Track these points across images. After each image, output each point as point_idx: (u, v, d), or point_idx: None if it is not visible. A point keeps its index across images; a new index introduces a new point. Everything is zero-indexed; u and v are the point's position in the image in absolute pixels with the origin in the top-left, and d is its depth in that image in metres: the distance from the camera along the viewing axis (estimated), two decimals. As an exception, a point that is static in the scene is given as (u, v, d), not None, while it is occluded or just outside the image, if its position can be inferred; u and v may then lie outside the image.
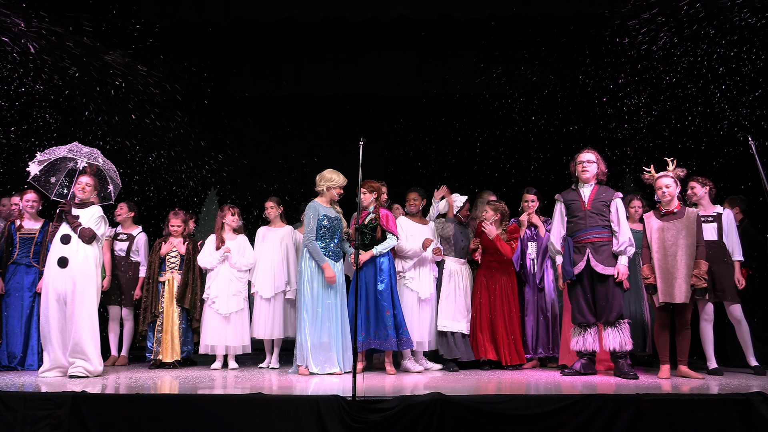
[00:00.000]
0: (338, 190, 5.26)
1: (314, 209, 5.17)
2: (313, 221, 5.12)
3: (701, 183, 5.31)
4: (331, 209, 5.26)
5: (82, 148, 5.05)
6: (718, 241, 5.23)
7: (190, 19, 6.45)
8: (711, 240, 5.18)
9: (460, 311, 5.50)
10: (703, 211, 5.28)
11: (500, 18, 6.39)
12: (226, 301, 5.61)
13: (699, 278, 4.68)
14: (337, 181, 5.25)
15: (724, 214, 5.28)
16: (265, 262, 5.72)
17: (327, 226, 5.16)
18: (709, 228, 5.20)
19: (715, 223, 5.25)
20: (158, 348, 5.66)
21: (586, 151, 5.12)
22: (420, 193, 5.69)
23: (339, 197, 5.31)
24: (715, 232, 5.24)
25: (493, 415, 3.56)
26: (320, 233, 5.15)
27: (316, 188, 5.30)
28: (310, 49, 7.20)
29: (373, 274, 5.18)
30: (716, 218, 5.26)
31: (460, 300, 5.53)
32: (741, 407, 3.57)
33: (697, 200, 5.31)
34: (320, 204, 5.23)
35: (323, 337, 4.99)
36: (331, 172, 5.29)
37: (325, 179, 5.25)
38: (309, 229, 5.12)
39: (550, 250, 5.24)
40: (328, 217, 5.18)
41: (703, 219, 5.23)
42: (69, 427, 3.58)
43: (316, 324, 5.01)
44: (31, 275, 5.63)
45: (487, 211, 5.55)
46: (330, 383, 4.52)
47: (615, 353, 4.86)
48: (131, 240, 6.18)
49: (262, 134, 7.97)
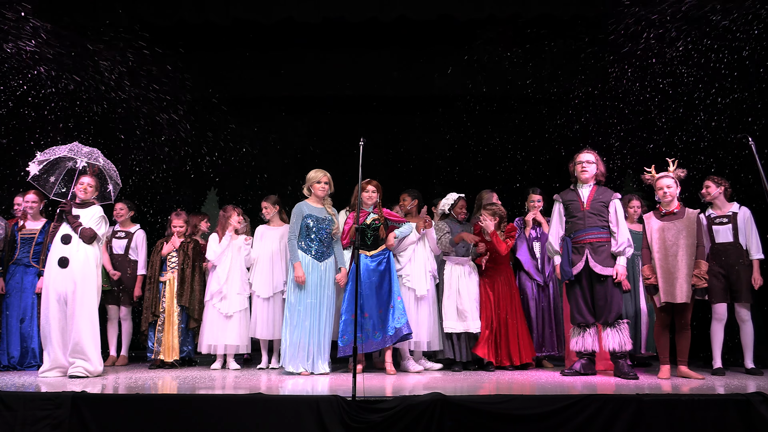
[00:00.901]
0: (317, 186, 5.18)
1: (299, 211, 5.17)
2: (298, 221, 5.13)
3: (716, 183, 5.27)
4: (322, 210, 5.22)
5: (82, 147, 5.05)
6: (734, 243, 5.19)
7: (190, 19, 6.46)
8: (726, 242, 5.18)
9: (467, 311, 5.39)
10: (718, 212, 5.26)
11: (500, 18, 6.40)
12: (230, 300, 5.61)
13: (700, 278, 4.68)
14: (313, 177, 5.21)
15: (740, 212, 5.22)
16: (264, 261, 5.70)
17: (311, 226, 5.13)
18: (723, 230, 5.19)
19: (729, 224, 5.20)
20: (159, 348, 5.67)
21: (586, 151, 5.12)
22: (410, 194, 5.72)
23: (324, 192, 5.21)
24: (730, 234, 5.20)
25: (493, 415, 3.56)
26: (304, 233, 5.14)
27: (304, 190, 5.29)
28: (310, 49, 7.20)
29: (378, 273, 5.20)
30: (731, 219, 5.21)
31: (467, 300, 5.41)
32: (741, 407, 3.56)
33: (711, 200, 5.28)
34: (307, 204, 5.21)
35: (302, 337, 4.97)
36: (314, 171, 5.27)
37: (308, 179, 5.25)
38: (292, 230, 5.14)
39: (549, 251, 5.23)
40: (313, 216, 5.15)
41: (717, 221, 5.22)
42: (69, 427, 3.58)
43: (297, 323, 4.99)
44: (30, 275, 5.63)
45: (485, 216, 5.50)
46: (330, 383, 4.52)
47: (614, 353, 4.86)
48: (129, 237, 6.17)
49: (262, 134, 7.97)
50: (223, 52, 7.21)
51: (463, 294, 5.44)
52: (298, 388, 4.34)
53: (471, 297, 5.46)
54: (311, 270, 5.09)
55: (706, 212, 5.31)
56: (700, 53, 5.81)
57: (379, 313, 5.13)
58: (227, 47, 7.14)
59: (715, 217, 5.24)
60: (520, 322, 5.53)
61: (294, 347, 4.98)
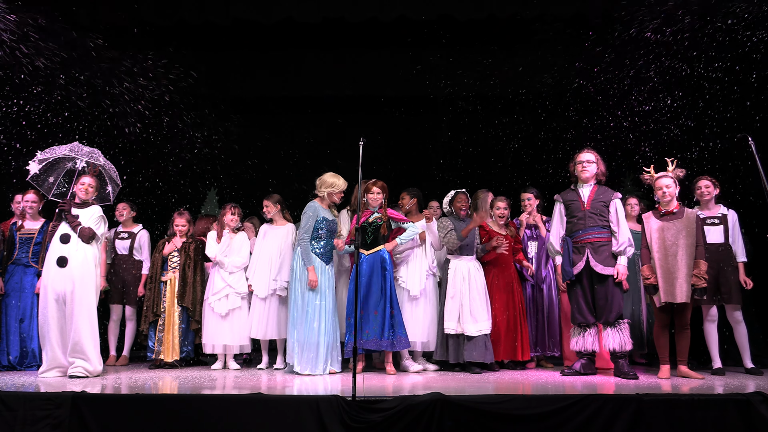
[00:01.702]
0: (340, 194, 5.31)
1: (314, 210, 5.19)
2: (312, 222, 5.14)
3: (714, 183, 5.26)
4: (329, 212, 5.30)
5: (83, 147, 5.04)
6: (725, 244, 5.20)
7: (190, 19, 6.46)
8: (718, 243, 5.18)
9: (474, 312, 5.23)
10: (708, 212, 5.26)
11: (500, 18, 6.40)
12: (225, 299, 5.59)
13: (699, 278, 4.69)
14: (338, 185, 5.28)
15: (729, 215, 5.24)
16: (263, 261, 5.64)
17: (323, 228, 5.18)
18: (715, 230, 5.19)
19: (721, 225, 5.21)
20: (159, 347, 5.67)
21: (586, 151, 5.12)
22: (409, 192, 5.70)
23: (339, 201, 5.35)
24: (721, 235, 5.21)
25: (493, 415, 3.56)
26: (316, 234, 5.16)
27: (317, 191, 5.31)
28: (310, 49, 7.20)
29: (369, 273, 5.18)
30: (722, 220, 5.22)
31: (475, 300, 5.25)
32: (741, 407, 3.57)
33: (708, 199, 5.26)
34: (320, 206, 5.25)
35: (312, 337, 4.99)
36: (332, 176, 5.30)
37: (327, 184, 5.27)
38: (305, 228, 5.14)
39: (549, 251, 5.22)
40: (325, 219, 5.21)
41: (709, 221, 5.21)
42: (69, 427, 3.58)
43: (306, 323, 5.01)
44: (30, 275, 5.63)
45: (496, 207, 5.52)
46: (330, 383, 4.53)
47: (615, 353, 4.86)
48: (133, 238, 6.17)
49: (262, 134, 7.97)
50: (223, 52, 7.21)
51: (473, 293, 5.27)
52: (298, 387, 4.34)
53: (481, 296, 5.30)
54: (320, 272, 5.12)
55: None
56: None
57: (374, 314, 5.10)
58: (227, 47, 7.14)
59: (706, 218, 5.23)
60: (524, 319, 5.49)
61: (303, 348, 4.98)
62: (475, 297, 5.28)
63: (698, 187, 5.30)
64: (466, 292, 5.29)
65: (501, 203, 5.64)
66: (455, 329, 5.26)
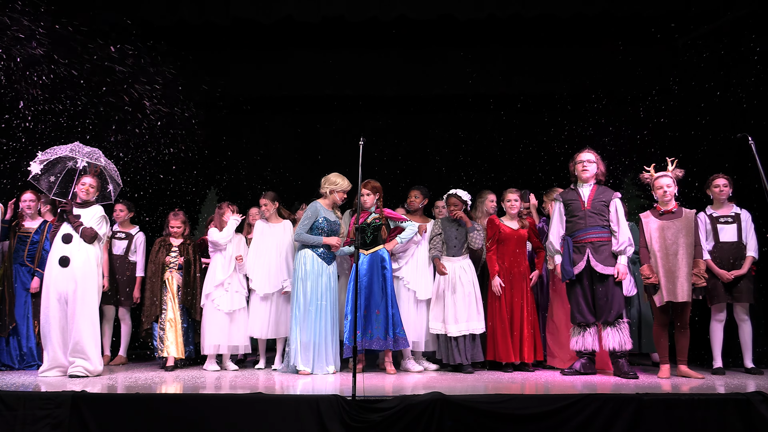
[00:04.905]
0: (342, 194, 5.31)
1: (315, 210, 5.19)
2: (310, 220, 5.15)
3: (730, 182, 5.23)
4: (332, 213, 5.29)
5: (83, 147, 5.04)
6: (738, 242, 5.18)
7: (190, 19, 6.45)
8: (731, 241, 5.17)
9: (458, 313, 5.21)
10: (721, 211, 5.25)
11: (500, 18, 6.40)
12: (230, 298, 5.57)
13: (699, 277, 4.70)
14: (341, 185, 5.28)
15: (743, 214, 5.22)
16: (262, 259, 5.59)
17: (324, 228, 5.18)
18: (729, 229, 5.18)
19: (734, 224, 5.19)
20: (163, 346, 5.62)
21: (586, 150, 5.12)
22: (422, 191, 5.65)
23: (342, 201, 5.35)
24: (735, 233, 5.19)
25: (493, 415, 3.56)
26: (316, 233, 5.16)
27: (321, 190, 5.31)
28: (310, 49, 7.19)
29: (369, 272, 5.18)
30: (735, 219, 5.20)
31: (459, 301, 5.22)
32: (741, 407, 3.57)
33: (723, 198, 5.22)
34: (322, 206, 5.25)
35: (314, 336, 4.99)
36: (337, 176, 5.32)
37: (330, 182, 5.28)
38: (303, 224, 5.15)
39: (549, 250, 5.20)
40: (327, 220, 5.21)
41: (722, 220, 5.20)
42: (69, 426, 3.58)
43: (308, 323, 5.01)
44: (27, 275, 5.62)
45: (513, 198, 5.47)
46: (330, 383, 4.53)
47: (614, 353, 4.86)
48: (130, 239, 6.16)
49: (261, 134, 7.97)
50: (222, 51, 7.20)
51: (458, 294, 5.23)
52: (298, 387, 4.34)
53: (467, 296, 5.25)
54: (321, 272, 5.12)
55: (707, 210, 5.30)
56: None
57: (376, 314, 5.11)
58: (227, 47, 7.13)
59: (719, 216, 5.22)
60: (535, 318, 5.42)
61: (306, 347, 4.99)
62: (459, 298, 5.24)
63: (715, 185, 5.26)
64: (450, 293, 5.27)
65: (511, 195, 5.47)
66: (440, 329, 5.28)
